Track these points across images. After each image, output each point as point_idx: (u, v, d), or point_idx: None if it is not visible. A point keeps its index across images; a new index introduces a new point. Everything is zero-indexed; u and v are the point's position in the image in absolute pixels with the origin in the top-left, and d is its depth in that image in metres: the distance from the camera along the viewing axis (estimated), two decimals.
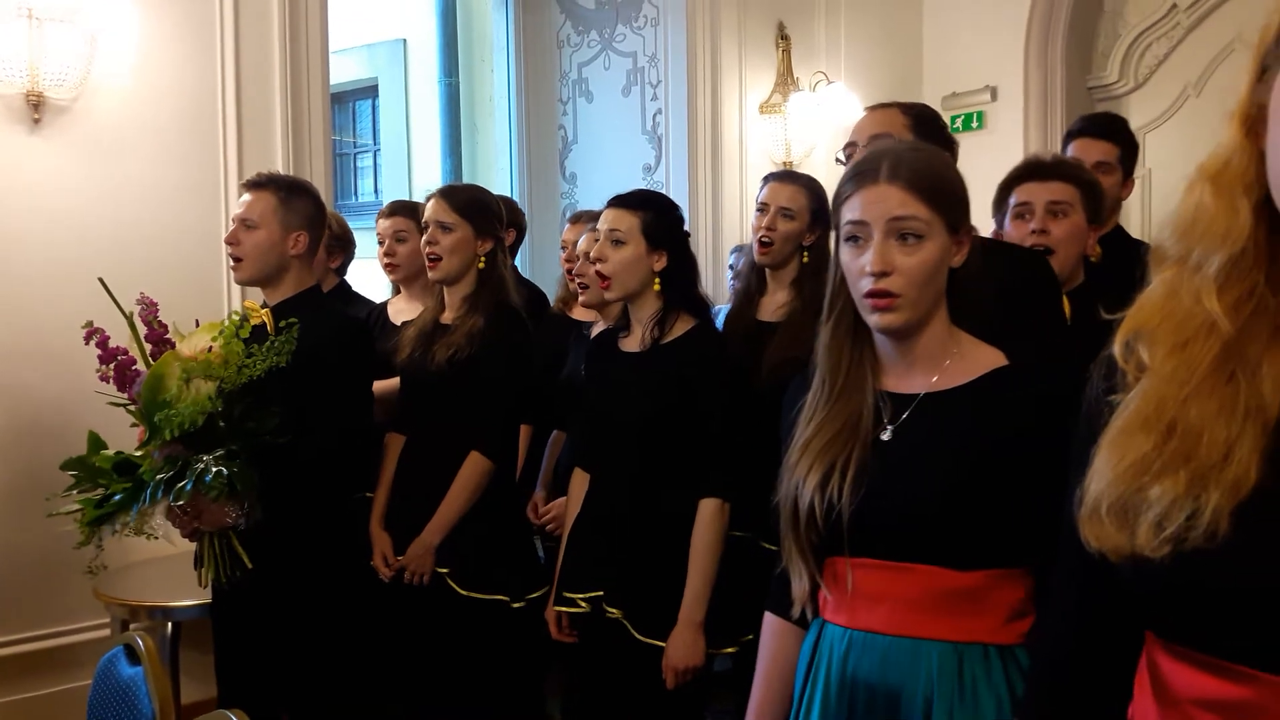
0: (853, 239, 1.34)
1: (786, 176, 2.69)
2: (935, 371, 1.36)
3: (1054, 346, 1.75)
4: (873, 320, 1.33)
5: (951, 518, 1.29)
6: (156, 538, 2.19)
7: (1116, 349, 0.88)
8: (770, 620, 1.52)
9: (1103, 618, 0.95)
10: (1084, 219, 2.13)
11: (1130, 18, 4.81)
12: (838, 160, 2.12)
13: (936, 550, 1.30)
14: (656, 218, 2.19)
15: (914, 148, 1.41)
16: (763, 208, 2.57)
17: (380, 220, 3.16)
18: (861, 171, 1.35)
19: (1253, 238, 0.81)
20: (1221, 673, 0.80)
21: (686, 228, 2.32)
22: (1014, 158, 2.62)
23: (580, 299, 2.74)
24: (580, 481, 2.33)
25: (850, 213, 1.34)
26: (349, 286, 3.31)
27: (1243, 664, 0.79)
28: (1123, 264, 1.75)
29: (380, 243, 3.11)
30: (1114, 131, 2.78)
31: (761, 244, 2.55)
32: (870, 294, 1.31)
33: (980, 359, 1.37)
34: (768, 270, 2.60)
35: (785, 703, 1.47)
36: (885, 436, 1.34)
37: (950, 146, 1.99)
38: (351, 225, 3.40)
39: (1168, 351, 0.83)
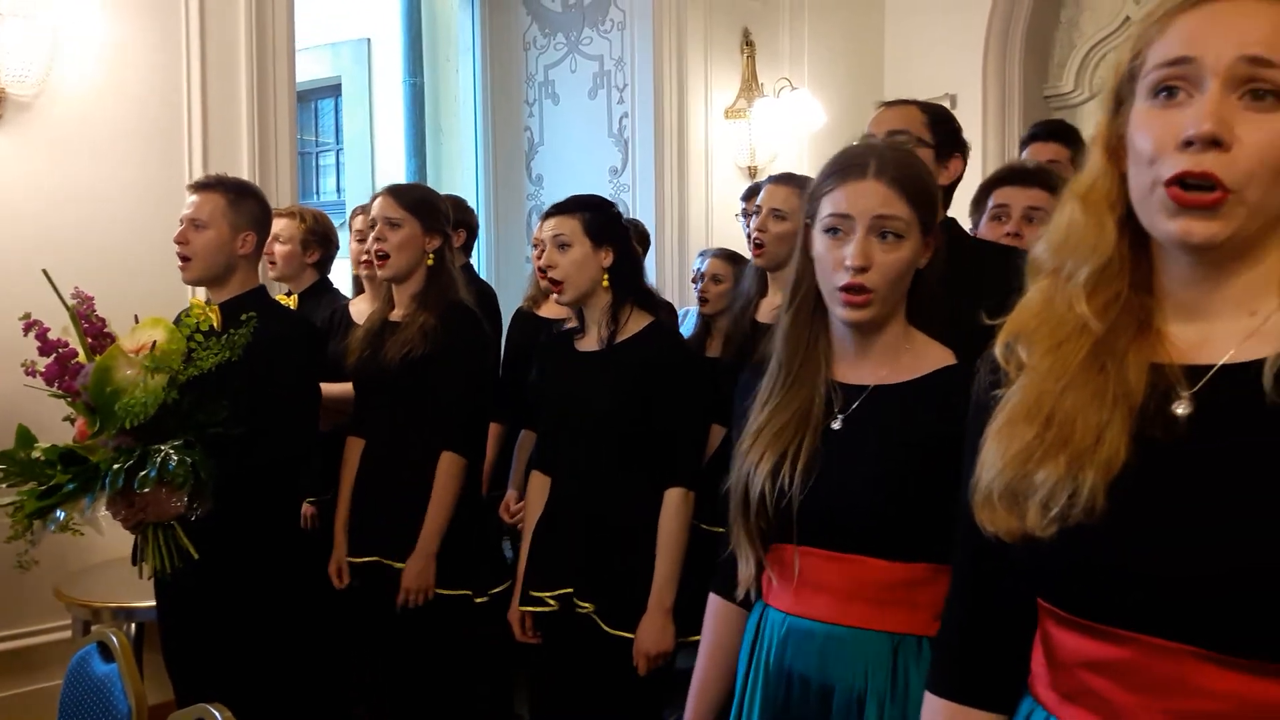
0: (832, 230, 1.36)
1: (784, 179, 2.70)
2: (887, 365, 1.40)
3: None
4: (842, 314, 1.36)
5: (895, 511, 1.32)
6: (82, 534, 2.17)
7: (998, 350, 0.98)
8: (715, 601, 1.57)
9: (998, 593, 1.02)
10: None
11: (1085, 29, 4.93)
12: None
13: (879, 542, 1.33)
14: (596, 216, 2.25)
15: (894, 147, 1.44)
16: (758, 210, 2.59)
17: (356, 217, 3.18)
18: (848, 165, 1.37)
19: (1117, 249, 0.92)
20: (1103, 636, 0.88)
21: (645, 227, 2.37)
22: (973, 164, 2.68)
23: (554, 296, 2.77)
24: (539, 484, 2.34)
25: (833, 205, 1.36)
26: (330, 283, 3.31)
27: (1121, 627, 0.87)
28: None
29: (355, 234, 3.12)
30: (1065, 135, 2.91)
31: (755, 246, 2.58)
32: (846, 288, 1.33)
33: (931, 356, 1.41)
34: (769, 274, 2.62)
35: (726, 680, 1.52)
36: (836, 426, 1.38)
37: (963, 148, 2.02)
38: None
39: (1044, 351, 0.93)
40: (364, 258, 3.06)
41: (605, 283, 2.23)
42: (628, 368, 2.18)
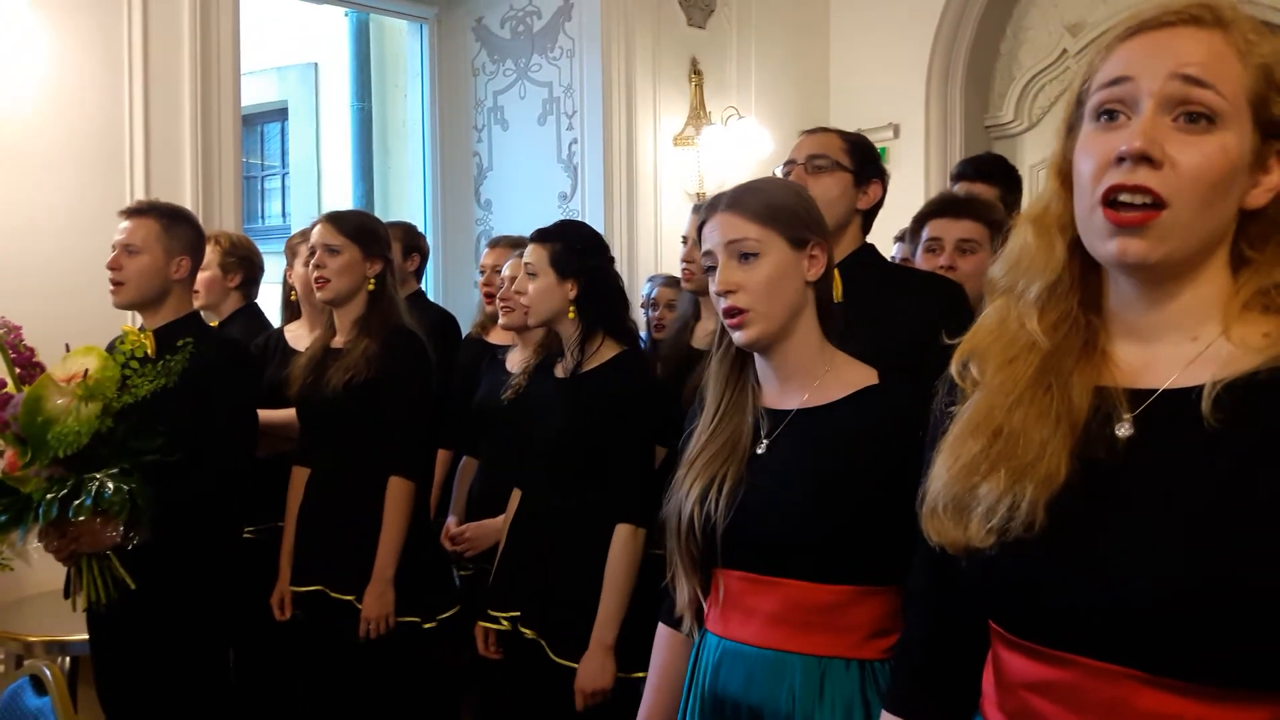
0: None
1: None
2: (808, 388, 1.43)
3: None
4: (734, 337, 1.42)
5: (815, 533, 1.34)
6: (11, 569, 2.13)
7: (954, 368, 1.00)
8: (661, 630, 1.58)
9: (953, 611, 1.04)
10: (990, 256, 2.21)
11: (1024, 61, 5.07)
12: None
13: (801, 565, 1.35)
14: (564, 249, 2.26)
15: (762, 180, 1.53)
16: (685, 239, 2.66)
17: (295, 243, 3.14)
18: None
19: (1067, 268, 0.95)
20: (1044, 658, 0.90)
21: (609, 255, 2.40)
22: (915, 192, 2.75)
23: (501, 321, 2.79)
24: (518, 501, 2.37)
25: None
26: (258, 308, 3.25)
27: (1060, 649, 0.88)
28: None
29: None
30: (992, 174, 2.97)
31: (685, 273, 2.65)
32: (725, 312, 1.40)
33: (852, 377, 1.44)
34: (700, 299, 2.67)
35: (671, 708, 1.52)
36: (760, 450, 1.41)
37: (882, 175, 2.06)
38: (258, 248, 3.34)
39: (997, 367, 0.96)
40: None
41: (571, 314, 2.25)
42: (590, 398, 2.19)
